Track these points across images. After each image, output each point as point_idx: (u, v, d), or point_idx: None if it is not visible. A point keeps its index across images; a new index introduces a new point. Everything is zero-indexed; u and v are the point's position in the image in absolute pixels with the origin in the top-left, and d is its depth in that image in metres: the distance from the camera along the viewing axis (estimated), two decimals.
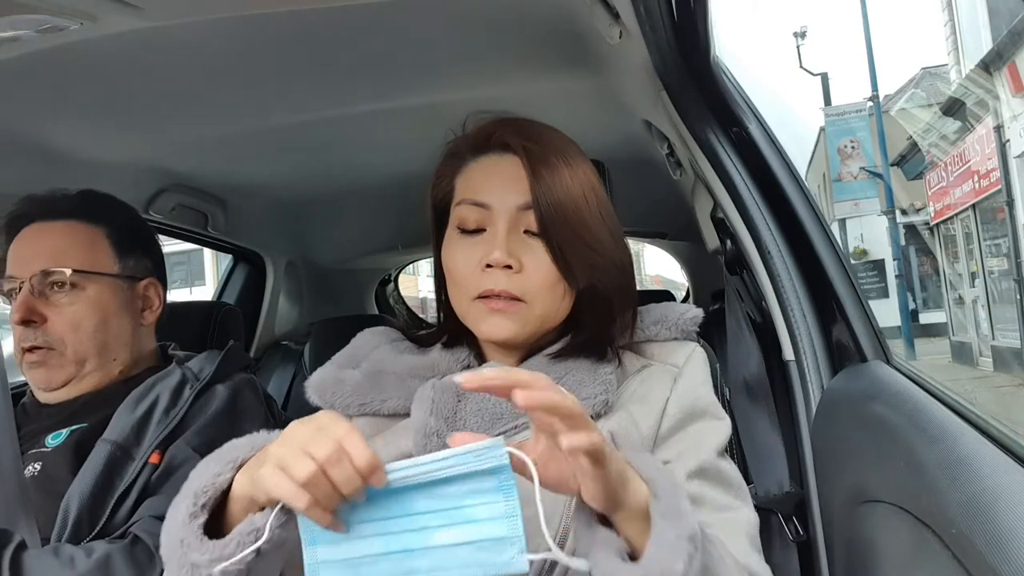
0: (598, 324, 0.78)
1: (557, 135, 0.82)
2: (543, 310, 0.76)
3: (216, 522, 0.59)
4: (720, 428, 0.77)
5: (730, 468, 0.75)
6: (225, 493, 0.59)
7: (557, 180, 0.76)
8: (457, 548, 0.52)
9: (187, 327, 1.39)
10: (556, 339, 0.81)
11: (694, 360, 0.81)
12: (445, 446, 0.55)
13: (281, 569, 0.62)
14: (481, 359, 0.82)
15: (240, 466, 0.59)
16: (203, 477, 0.59)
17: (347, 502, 0.53)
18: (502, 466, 0.51)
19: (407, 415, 0.75)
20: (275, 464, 0.53)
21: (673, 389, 0.77)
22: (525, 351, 0.80)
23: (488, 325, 0.75)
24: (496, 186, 0.77)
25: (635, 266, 0.82)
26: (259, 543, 0.55)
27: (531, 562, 0.51)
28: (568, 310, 0.78)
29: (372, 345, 0.86)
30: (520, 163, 0.77)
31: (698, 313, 0.85)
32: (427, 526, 0.53)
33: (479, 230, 0.77)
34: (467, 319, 0.78)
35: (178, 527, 0.58)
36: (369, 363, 0.82)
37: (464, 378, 0.51)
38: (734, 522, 0.70)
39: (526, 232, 0.77)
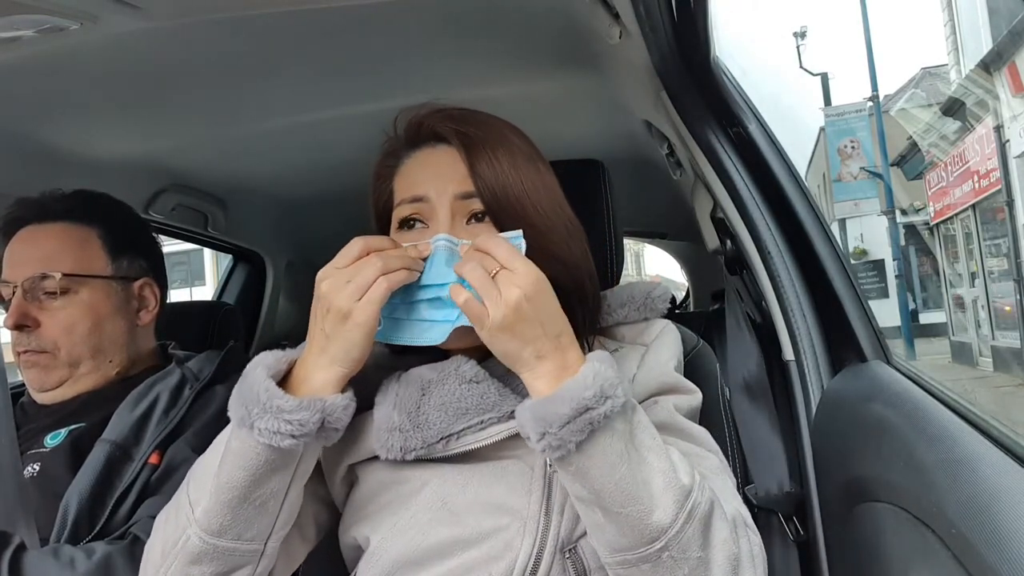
0: None
1: (496, 120, 0.78)
2: None
3: None
4: (687, 398, 0.77)
5: (700, 432, 0.75)
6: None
7: (497, 163, 0.73)
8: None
9: (187, 327, 1.39)
10: None
11: (663, 337, 0.80)
12: (408, 440, 0.68)
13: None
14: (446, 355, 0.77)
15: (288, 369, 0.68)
16: (268, 360, 0.67)
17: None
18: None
19: (370, 408, 0.74)
20: (340, 298, 0.64)
21: (640, 365, 0.77)
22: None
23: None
24: (431, 176, 0.75)
25: (635, 266, 0.82)
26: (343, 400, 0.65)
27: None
28: None
29: None
30: (455, 151, 0.75)
31: (665, 290, 0.84)
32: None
33: (419, 222, 0.75)
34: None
35: (255, 386, 0.64)
36: None
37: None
38: (702, 463, 0.70)
39: (469, 220, 0.74)
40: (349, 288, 0.65)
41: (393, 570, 0.70)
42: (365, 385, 0.75)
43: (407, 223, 0.76)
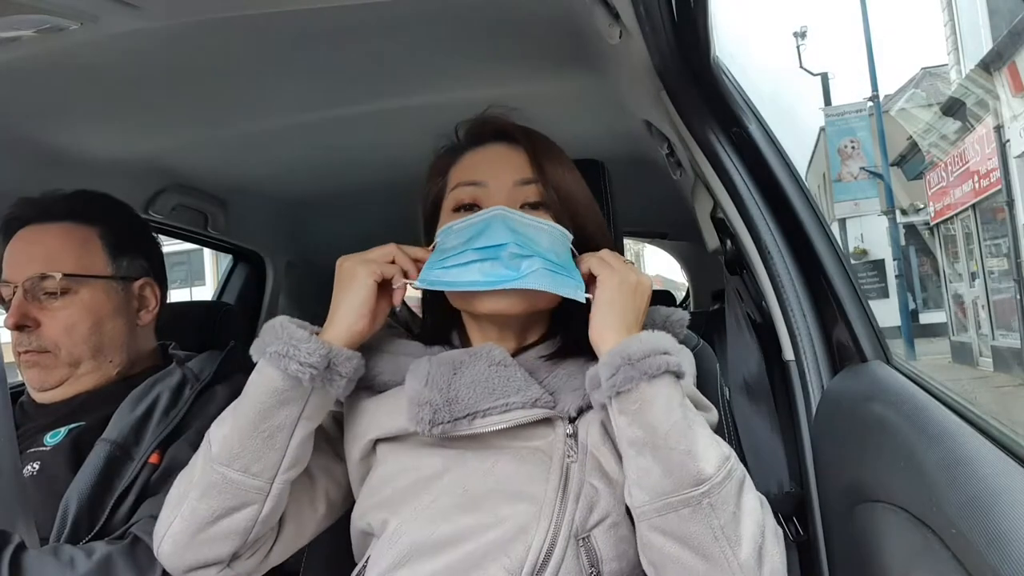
0: (587, 323, 0.79)
1: (549, 139, 0.86)
2: None
3: None
4: (707, 415, 0.80)
5: (724, 444, 0.77)
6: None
7: (556, 161, 0.81)
8: (538, 271, 0.73)
9: (187, 327, 1.39)
10: (545, 337, 0.84)
11: (679, 357, 0.82)
12: (436, 414, 0.71)
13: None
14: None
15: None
16: (295, 318, 0.76)
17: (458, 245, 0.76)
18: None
19: (400, 384, 0.78)
20: (357, 267, 0.76)
21: None
22: (517, 339, 0.82)
23: (488, 299, 0.76)
24: (491, 166, 0.81)
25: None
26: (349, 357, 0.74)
27: (588, 299, 0.74)
28: None
29: None
30: (515, 149, 0.82)
31: (683, 315, 0.87)
32: (516, 254, 0.73)
33: (474, 206, 0.80)
34: (464, 298, 0.79)
35: (275, 324, 0.74)
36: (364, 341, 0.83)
37: None
38: None
39: (523, 206, 0.80)
40: (362, 258, 0.77)
41: (411, 553, 0.72)
42: (396, 368, 0.79)
43: (463, 207, 0.81)
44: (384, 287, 0.78)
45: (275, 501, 0.73)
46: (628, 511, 0.75)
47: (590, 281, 0.77)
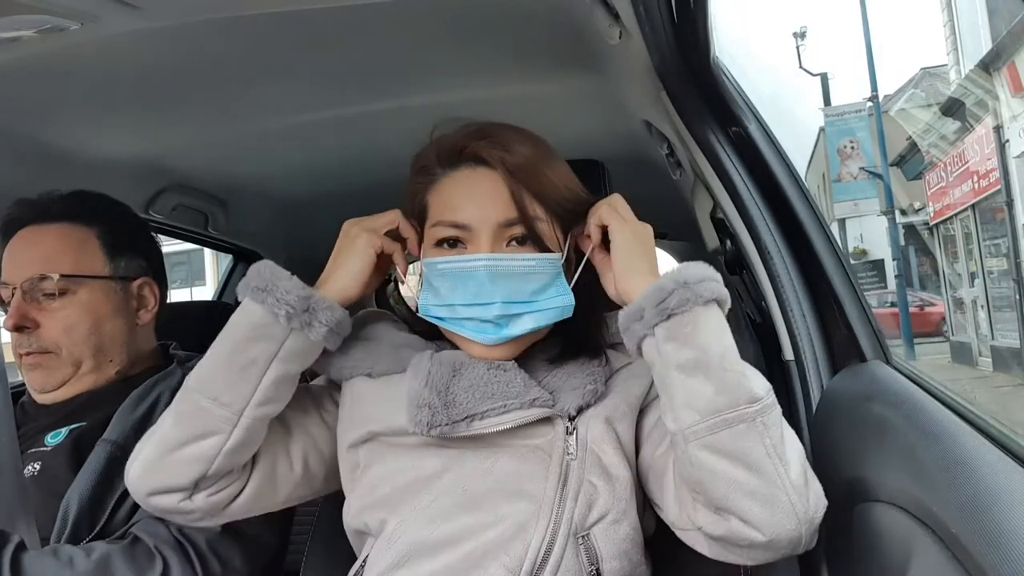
0: (587, 325, 0.79)
1: (528, 136, 0.81)
2: None
3: None
4: None
5: None
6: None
7: (539, 188, 0.77)
8: (527, 331, 0.76)
9: (187, 327, 1.38)
10: (546, 339, 0.83)
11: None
12: (435, 416, 0.72)
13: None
14: None
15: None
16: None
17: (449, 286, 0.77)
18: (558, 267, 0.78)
19: (402, 372, 0.78)
20: (361, 234, 0.79)
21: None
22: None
23: (480, 347, 0.77)
24: (473, 204, 0.77)
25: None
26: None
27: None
28: None
29: (371, 320, 0.86)
30: (497, 176, 0.77)
31: None
32: (503, 315, 0.74)
33: (459, 242, 0.78)
34: (454, 336, 0.79)
35: (265, 264, 0.75)
36: (365, 332, 0.83)
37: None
38: None
39: (509, 243, 0.77)
40: (367, 225, 0.80)
41: (411, 553, 0.72)
42: (398, 359, 0.79)
43: (446, 242, 0.79)
44: (381, 258, 0.79)
45: (242, 434, 0.73)
46: (629, 509, 0.76)
47: (600, 231, 0.78)
